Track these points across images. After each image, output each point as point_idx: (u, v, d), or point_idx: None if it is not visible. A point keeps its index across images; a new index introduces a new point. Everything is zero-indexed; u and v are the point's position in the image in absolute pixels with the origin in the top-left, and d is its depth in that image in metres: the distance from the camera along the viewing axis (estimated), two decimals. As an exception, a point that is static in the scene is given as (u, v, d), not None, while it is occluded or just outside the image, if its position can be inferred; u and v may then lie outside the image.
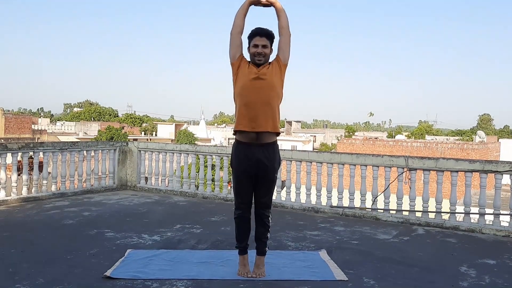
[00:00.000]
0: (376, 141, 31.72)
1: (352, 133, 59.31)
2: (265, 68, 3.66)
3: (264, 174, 3.69)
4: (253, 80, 3.61)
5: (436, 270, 4.17)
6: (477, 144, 28.30)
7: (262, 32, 3.68)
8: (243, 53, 3.74)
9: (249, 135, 3.63)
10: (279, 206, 6.94)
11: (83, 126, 55.48)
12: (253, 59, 3.68)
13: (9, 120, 41.97)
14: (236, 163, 3.74)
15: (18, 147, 7.17)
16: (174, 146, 8.42)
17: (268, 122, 3.61)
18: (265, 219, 3.79)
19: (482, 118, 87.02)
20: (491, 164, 5.87)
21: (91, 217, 6.03)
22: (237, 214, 3.80)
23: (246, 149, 3.67)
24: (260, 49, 3.64)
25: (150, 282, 3.61)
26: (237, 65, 3.70)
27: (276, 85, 3.68)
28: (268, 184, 3.76)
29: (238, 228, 3.83)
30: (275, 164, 3.75)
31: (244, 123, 3.61)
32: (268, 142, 3.67)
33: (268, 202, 3.81)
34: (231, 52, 3.73)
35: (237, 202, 3.80)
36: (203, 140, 47.23)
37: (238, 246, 3.85)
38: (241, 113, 3.63)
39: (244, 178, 3.71)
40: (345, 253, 4.59)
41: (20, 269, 3.86)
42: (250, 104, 3.60)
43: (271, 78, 3.64)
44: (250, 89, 3.62)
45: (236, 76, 3.72)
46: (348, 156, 6.82)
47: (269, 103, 3.62)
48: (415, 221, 6.11)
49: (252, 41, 3.68)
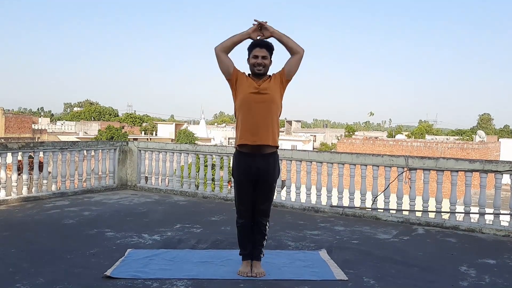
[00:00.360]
0: (376, 140, 31.72)
1: (352, 132, 59.32)
2: (266, 83, 3.67)
3: (264, 181, 3.73)
4: (254, 94, 3.63)
5: (436, 269, 4.17)
6: (477, 144, 28.29)
7: (262, 44, 3.70)
8: (234, 65, 3.74)
9: (250, 147, 3.68)
10: (279, 206, 6.94)
11: (83, 126, 55.49)
12: (253, 70, 3.70)
13: (9, 120, 41.96)
14: (237, 172, 3.79)
15: (18, 146, 7.18)
16: (174, 146, 8.42)
17: (268, 136, 3.66)
18: (263, 228, 3.82)
19: (482, 117, 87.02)
20: (491, 163, 5.87)
21: (91, 217, 6.04)
22: (240, 223, 3.82)
23: (247, 158, 3.71)
24: (260, 60, 3.66)
25: (150, 282, 3.62)
26: (234, 79, 3.72)
27: (276, 99, 3.71)
28: (268, 192, 3.79)
29: (241, 236, 3.86)
30: (275, 173, 3.80)
31: (246, 137, 3.66)
32: (269, 152, 3.72)
33: (267, 210, 3.84)
34: (223, 69, 3.74)
35: (239, 210, 3.82)
36: (203, 139, 47.22)
37: (242, 253, 3.88)
38: (243, 128, 3.67)
39: (245, 186, 3.75)
40: (345, 252, 4.60)
41: (20, 269, 3.87)
42: (251, 118, 3.64)
43: (272, 93, 3.67)
44: (251, 103, 3.64)
45: (235, 91, 3.73)
46: (348, 155, 6.82)
47: (270, 117, 3.66)
48: (415, 221, 6.11)
49: (252, 52, 3.69)
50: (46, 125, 54.36)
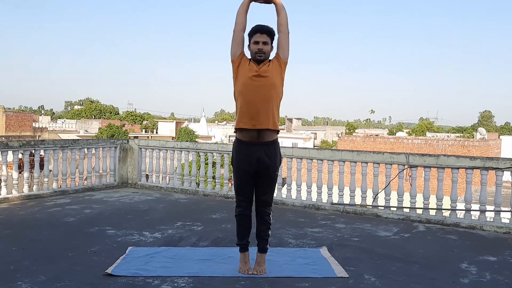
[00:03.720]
0: (377, 138, 31.72)
1: (352, 130, 59.25)
2: (266, 66, 3.66)
3: (265, 172, 3.69)
4: (254, 77, 3.62)
5: (437, 267, 4.17)
6: (478, 141, 28.28)
7: (263, 29, 3.68)
8: (243, 50, 3.75)
9: (250, 133, 3.64)
10: (280, 203, 6.95)
11: (84, 124, 55.52)
12: (253, 55, 3.69)
13: (10, 118, 41.99)
14: (236, 162, 3.75)
15: (19, 145, 7.18)
16: (174, 144, 8.42)
17: (269, 119, 3.61)
18: (266, 217, 3.79)
19: (483, 115, 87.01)
20: (492, 161, 5.86)
21: (92, 215, 6.04)
22: (238, 211, 3.80)
23: (247, 148, 3.67)
24: (261, 45, 3.64)
25: (151, 279, 3.62)
26: (238, 62, 3.71)
27: (277, 83, 3.68)
28: (269, 182, 3.76)
29: (239, 225, 3.84)
30: (276, 163, 3.75)
31: (245, 121, 3.62)
32: (269, 141, 3.68)
33: (269, 200, 3.81)
34: (233, 49, 3.74)
35: (238, 200, 3.81)
36: (204, 137, 47.25)
37: (239, 244, 3.85)
38: (242, 111, 3.63)
39: (244, 176, 3.71)
40: (346, 250, 4.60)
41: (22, 267, 3.87)
42: (251, 102, 3.61)
43: (272, 76, 3.65)
44: (251, 87, 3.62)
45: (236, 74, 3.72)
46: (349, 153, 6.82)
47: (269, 101, 3.62)
48: (416, 218, 6.11)
49: (252, 38, 3.68)
50: (47, 123, 54.39)
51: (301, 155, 7.13)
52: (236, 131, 3.75)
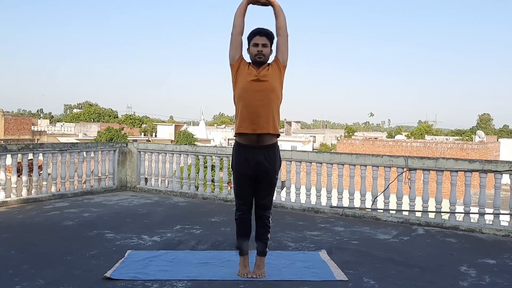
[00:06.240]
0: (375, 141, 31.73)
1: (351, 133, 59.26)
2: (265, 70, 3.66)
3: (264, 176, 3.69)
4: (253, 82, 3.62)
5: (436, 270, 4.17)
6: (476, 144, 28.28)
7: (262, 32, 3.69)
8: (242, 54, 3.75)
9: (250, 137, 3.64)
10: (279, 207, 6.94)
11: (83, 127, 55.50)
12: (253, 58, 3.69)
13: (9, 121, 41.95)
14: (236, 165, 3.75)
15: (18, 148, 7.17)
16: (173, 147, 8.42)
17: (269, 123, 3.62)
18: (266, 220, 3.79)
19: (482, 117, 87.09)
20: (490, 163, 5.87)
21: (91, 218, 6.03)
22: (238, 215, 3.80)
23: (246, 151, 3.67)
24: (260, 47, 3.65)
25: (150, 283, 3.61)
26: (237, 66, 3.71)
27: (276, 87, 3.69)
28: (269, 186, 3.76)
29: (238, 229, 3.84)
30: (276, 166, 3.75)
31: (245, 125, 3.62)
32: (268, 144, 3.68)
33: (269, 203, 3.81)
34: (231, 53, 3.74)
35: (238, 203, 3.80)
36: (203, 140, 47.21)
37: (238, 247, 3.85)
38: (242, 116, 3.63)
39: (244, 180, 3.71)
40: (345, 253, 4.59)
41: (20, 271, 3.86)
42: (251, 106, 3.61)
43: (271, 80, 3.65)
44: (251, 91, 3.62)
45: (235, 78, 3.72)
46: (348, 156, 6.83)
47: (269, 105, 3.63)
48: (415, 221, 6.11)
49: (252, 41, 3.69)
50: (45, 126, 54.41)
51: (300, 158, 7.13)
52: (236, 135, 3.76)
